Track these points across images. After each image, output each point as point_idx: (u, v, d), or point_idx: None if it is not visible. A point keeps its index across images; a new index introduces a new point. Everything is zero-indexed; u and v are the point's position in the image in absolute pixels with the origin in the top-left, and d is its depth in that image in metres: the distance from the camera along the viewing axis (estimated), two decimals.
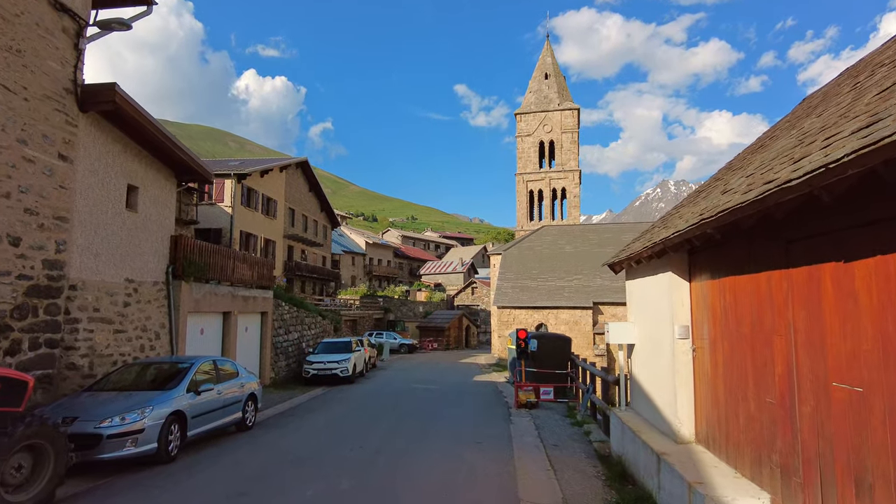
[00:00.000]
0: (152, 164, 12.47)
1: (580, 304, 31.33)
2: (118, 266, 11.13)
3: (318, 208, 46.71)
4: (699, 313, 6.50)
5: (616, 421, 8.62)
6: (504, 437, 10.55)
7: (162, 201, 12.89)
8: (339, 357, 20.54)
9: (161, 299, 12.67)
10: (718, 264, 5.82)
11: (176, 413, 8.48)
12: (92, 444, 7.33)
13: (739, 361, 5.31)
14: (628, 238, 36.47)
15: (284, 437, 10.58)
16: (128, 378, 9.55)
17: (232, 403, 10.47)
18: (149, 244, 12.30)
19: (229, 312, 15.90)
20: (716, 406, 5.92)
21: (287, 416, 13.01)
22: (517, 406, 14.09)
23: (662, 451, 6.26)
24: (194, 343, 14.18)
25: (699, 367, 6.48)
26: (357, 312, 42.74)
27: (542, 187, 44.94)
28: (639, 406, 8.45)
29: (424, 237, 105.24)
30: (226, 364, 11.01)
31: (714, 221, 4.52)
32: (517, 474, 7.71)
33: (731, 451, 5.47)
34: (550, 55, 47.71)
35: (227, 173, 33.30)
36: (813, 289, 3.97)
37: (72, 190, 9.74)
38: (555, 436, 10.86)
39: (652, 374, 7.72)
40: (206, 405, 9.43)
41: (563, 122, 44.62)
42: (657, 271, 7.38)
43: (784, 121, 8.07)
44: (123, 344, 11.14)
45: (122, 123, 10.98)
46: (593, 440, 10.44)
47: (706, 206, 5.32)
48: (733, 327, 5.45)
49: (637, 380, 8.56)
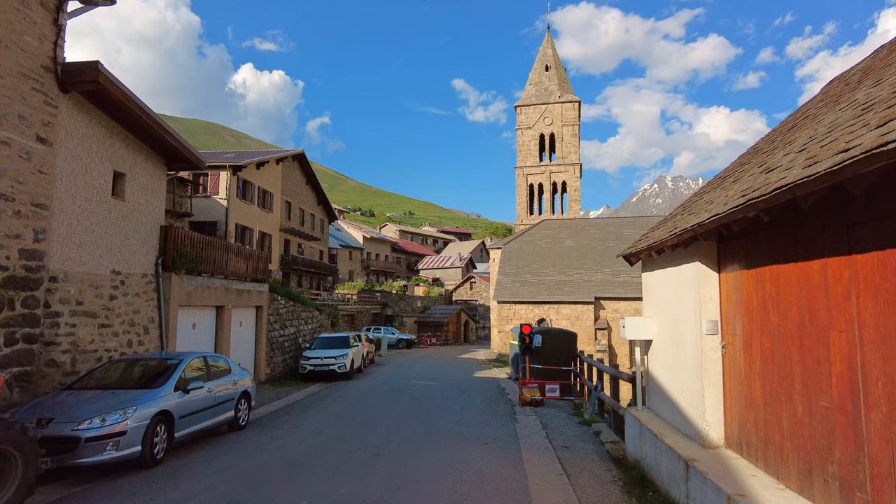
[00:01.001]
0: (140, 151, 11.86)
1: (582, 300, 30.84)
2: (104, 257, 10.54)
3: (315, 202, 46.05)
4: (730, 307, 5.96)
5: (632, 421, 8.09)
6: (511, 438, 10.03)
7: (151, 189, 12.29)
8: (337, 352, 20.00)
9: (150, 292, 12.08)
10: (756, 253, 5.27)
11: (162, 413, 7.92)
12: (69, 448, 6.76)
13: (783, 359, 4.77)
14: (630, 232, 36.02)
15: (279, 437, 10.04)
16: (112, 375, 8.99)
17: (224, 402, 9.92)
18: (137, 234, 11.70)
19: (223, 306, 15.32)
20: (751, 408, 5.39)
21: (282, 415, 12.47)
22: (521, 404, 13.57)
23: (691, 457, 5.73)
24: (186, 338, 13.61)
25: (730, 365, 5.95)
26: (355, 307, 42.20)
27: (542, 181, 44.39)
28: (657, 406, 7.92)
29: (422, 232, 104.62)
30: (217, 360, 10.44)
31: (768, 200, 3.96)
32: (528, 480, 7.17)
33: (772, 459, 4.94)
34: (551, 47, 47.05)
35: (223, 165, 32.62)
36: (888, 278, 3.43)
37: (52, 175, 9.14)
38: (563, 436, 10.35)
39: (673, 372, 7.19)
40: (195, 404, 8.87)
41: (564, 114, 44.03)
42: (681, 262, 6.83)
43: (815, 101, 7.50)
44: (109, 339, 10.56)
45: (106, 105, 10.37)
46: (604, 441, 9.92)
47: (749, 187, 4.76)
48: (775, 322, 4.91)
49: (655, 378, 8.02)
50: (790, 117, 8.16)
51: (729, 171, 7.82)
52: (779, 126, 8.28)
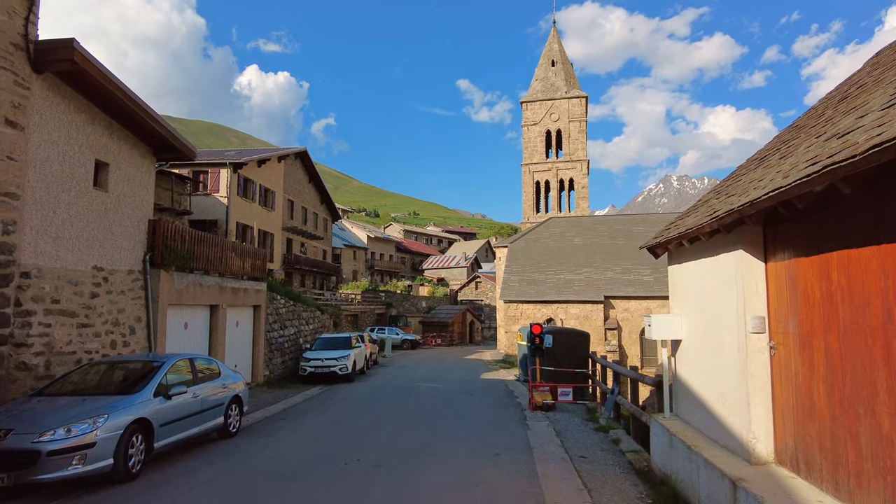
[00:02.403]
0: (126, 139, 11.14)
1: (591, 299, 29.96)
2: (84, 252, 9.82)
3: (318, 200, 45.34)
4: (780, 301, 5.15)
5: (660, 431, 7.29)
6: (523, 447, 9.23)
7: (138, 181, 11.56)
8: (338, 354, 19.25)
9: (137, 290, 11.35)
10: (820, 235, 4.47)
11: (139, 422, 7.16)
12: (28, 463, 6.01)
13: (859, 363, 3.97)
14: (640, 230, 35.10)
15: (272, 446, 9.27)
16: (91, 379, 8.26)
17: (212, 407, 9.17)
18: (123, 228, 10.98)
19: (217, 305, 14.59)
20: (812, 419, 4.58)
21: (277, 421, 11.71)
22: (532, 408, 12.77)
23: (738, 476, 4.92)
24: (177, 339, 12.89)
25: (781, 368, 5.14)
26: (358, 307, 41.50)
27: (548, 178, 43.53)
28: (688, 413, 7.10)
29: (427, 231, 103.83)
30: (205, 362, 9.69)
31: (857, 163, 3.15)
32: (546, 498, 6.37)
33: (844, 483, 4.13)
34: (557, 42, 46.19)
35: (223, 162, 31.96)
36: None
37: (23, 162, 8.42)
38: (579, 444, 9.54)
39: (708, 375, 6.38)
40: (178, 410, 8.11)
41: (571, 110, 43.16)
42: (718, 251, 6.03)
43: (863, 72, 6.67)
44: (90, 340, 9.83)
45: (85, 88, 9.65)
46: (625, 450, 9.11)
47: (817, 155, 3.95)
48: (847, 317, 4.11)
49: (685, 382, 7.21)
50: (834, 91, 7.31)
51: (769, 149, 6.99)
52: (819, 104, 7.43)
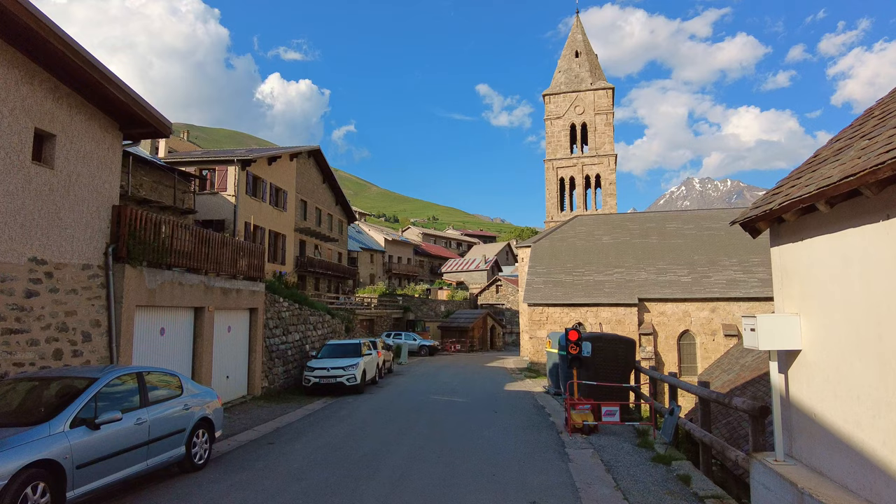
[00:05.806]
0: (80, 108, 9.31)
1: (623, 301, 27.54)
2: (16, 240, 7.96)
3: (332, 201, 43.65)
4: None
5: (773, 481, 5.07)
6: (566, 488, 7.07)
7: (98, 159, 9.72)
8: (346, 362, 17.24)
9: (95, 288, 9.49)
10: None
11: (41, 464, 5.20)
12: None
13: None
14: (674, 227, 32.52)
15: (243, 486, 7.25)
16: (11, 401, 6.37)
17: (167, 435, 7.20)
18: (75, 214, 9.14)
19: (202, 308, 12.70)
20: None
21: (264, 446, 9.72)
22: (571, 430, 10.57)
23: None
24: (150, 347, 11.00)
25: None
26: (374, 311, 39.60)
27: (573, 174, 41.16)
28: (820, 458, 4.88)
29: (446, 235, 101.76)
30: (163, 377, 7.75)
31: None
32: None
33: None
34: (581, 32, 43.90)
35: (231, 160, 30.40)
36: None
37: None
38: (639, 484, 7.34)
39: (866, 405, 4.19)
40: (111, 444, 6.15)
41: (597, 102, 40.79)
42: (863, 220, 3.85)
43: None
44: (22, 349, 7.95)
45: (21, 41, 7.82)
46: (700, 493, 6.89)
47: None
48: None
49: (811, 412, 4.99)
50: None
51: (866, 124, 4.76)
52: None
